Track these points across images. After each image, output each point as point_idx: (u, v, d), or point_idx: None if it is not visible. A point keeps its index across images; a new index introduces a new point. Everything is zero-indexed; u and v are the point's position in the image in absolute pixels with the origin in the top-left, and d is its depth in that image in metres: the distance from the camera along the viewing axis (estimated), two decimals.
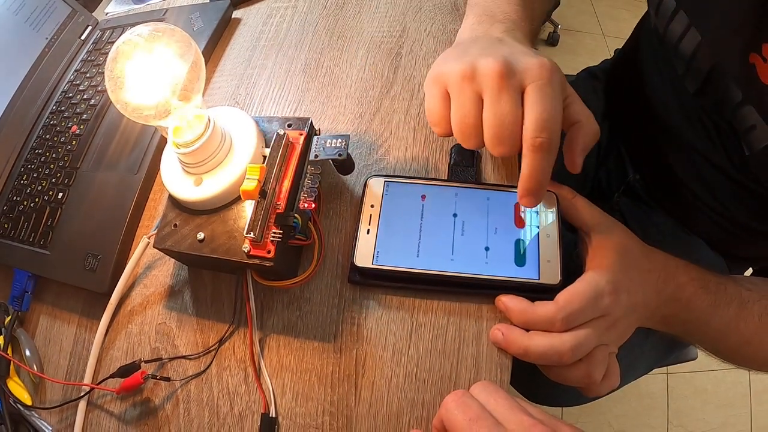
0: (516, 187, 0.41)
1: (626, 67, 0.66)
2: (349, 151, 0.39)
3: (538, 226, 0.40)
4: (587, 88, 0.71)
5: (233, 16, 0.60)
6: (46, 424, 0.45)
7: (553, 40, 1.73)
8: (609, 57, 0.76)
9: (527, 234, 0.40)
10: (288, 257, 0.39)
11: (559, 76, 0.35)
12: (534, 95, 0.34)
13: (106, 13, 0.70)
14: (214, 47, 0.56)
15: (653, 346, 0.61)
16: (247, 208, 0.39)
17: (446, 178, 0.43)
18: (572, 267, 0.39)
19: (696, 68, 0.47)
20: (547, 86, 0.34)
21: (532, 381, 0.61)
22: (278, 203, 0.37)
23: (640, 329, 0.40)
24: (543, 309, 0.36)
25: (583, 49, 1.56)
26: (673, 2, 0.46)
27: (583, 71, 0.75)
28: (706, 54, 0.45)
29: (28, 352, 0.47)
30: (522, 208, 0.40)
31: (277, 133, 0.39)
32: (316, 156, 0.39)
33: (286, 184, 0.38)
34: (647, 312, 0.39)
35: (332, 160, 0.39)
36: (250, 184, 0.35)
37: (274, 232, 0.37)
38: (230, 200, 0.40)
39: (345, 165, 0.40)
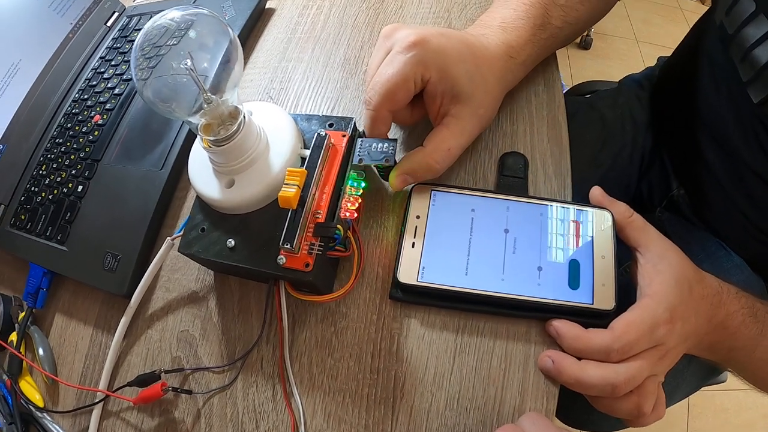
0: (569, 202, 0.39)
1: (676, 74, 0.63)
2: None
3: (593, 246, 0.37)
4: (630, 96, 0.68)
5: (267, 6, 0.57)
6: (58, 427, 0.42)
7: (585, 44, 1.66)
8: (641, 62, 0.73)
9: (582, 254, 0.37)
10: (325, 270, 0.36)
11: (418, 51, 0.35)
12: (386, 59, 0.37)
13: None
14: (246, 38, 0.54)
15: (693, 372, 0.58)
16: (284, 214, 0.36)
17: (494, 189, 0.40)
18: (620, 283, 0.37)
19: None
20: (396, 54, 0.36)
21: (569, 405, 0.58)
22: (318, 211, 0.35)
23: (684, 355, 0.38)
24: (598, 337, 0.34)
25: (616, 54, 1.51)
26: (751, 5, 0.43)
27: (626, 78, 0.72)
28: None
29: (41, 351, 0.45)
30: (576, 224, 0.38)
31: (318, 133, 0.36)
32: (360, 160, 0.36)
33: (327, 190, 0.35)
34: (696, 339, 0.38)
35: (377, 165, 0.36)
36: (290, 191, 0.32)
37: (313, 244, 0.34)
38: (264, 204, 0.37)
39: (390, 171, 0.37)
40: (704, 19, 0.60)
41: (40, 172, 0.53)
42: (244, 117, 0.35)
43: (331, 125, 0.38)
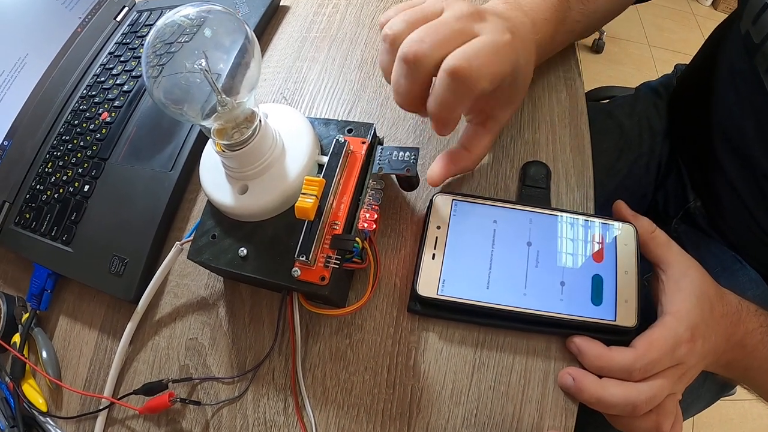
0: (593, 215, 0.38)
1: (694, 83, 0.62)
2: None
3: (616, 261, 0.36)
4: (648, 104, 0.67)
5: (281, 4, 0.55)
6: None
7: (598, 48, 1.63)
8: (653, 66, 0.71)
9: (605, 270, 0.36)
10: (340, 283, 0.35)
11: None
12: None
13: None
14: (259, 36, 0.52)
15: (709, 388, 0.57)
16: (299, 223, 0.34)
17: (516, 199, 0.39)
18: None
19: None
20: (494, 32, 0.30)
21: (585, 421, 0.58)
22: (335, 222, 0.33)
23: (701, 372, 0.38)
24: (621, 356, 0.33)
25: (628, 59, 1.49)
26: None
27: (643, 86, 0.70)
28: None
29: (45, 354, 0.44)
30: (600, 238, 0.36)
31: (337, 139, 0.35)
32: (380, 169, 0.35)
33: (345, 200, 0.34)
34: (714, 357, 0.37)
35: (397, 175, 0.35)
36: (308, 201, 0.31)
37: (329, 256, 0.32)
38: (279, 212, 0.35)
39: (411, 181, 0.36)
40: (725, 26, 0.59)
41: (46, 169, 0.52)
42: (260, 121, 0.34)
43: (350, 131, 0.37)
